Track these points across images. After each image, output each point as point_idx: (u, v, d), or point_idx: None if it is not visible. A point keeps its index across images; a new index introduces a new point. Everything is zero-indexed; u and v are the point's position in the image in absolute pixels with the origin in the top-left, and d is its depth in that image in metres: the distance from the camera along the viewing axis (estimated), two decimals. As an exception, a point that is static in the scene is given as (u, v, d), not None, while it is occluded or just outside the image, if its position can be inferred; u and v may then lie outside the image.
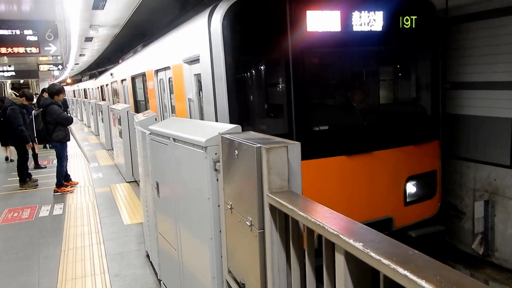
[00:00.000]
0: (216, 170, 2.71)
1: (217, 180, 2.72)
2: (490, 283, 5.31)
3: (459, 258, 5.92)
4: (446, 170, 5.97)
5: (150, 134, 3.98)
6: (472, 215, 5.83)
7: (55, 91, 8.38)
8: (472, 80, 5.80)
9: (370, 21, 4.80)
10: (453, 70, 6.01)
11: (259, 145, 2.03)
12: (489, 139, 5.58)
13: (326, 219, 1.51)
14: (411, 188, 5.17)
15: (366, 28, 4.78)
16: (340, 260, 1.40)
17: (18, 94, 9.34)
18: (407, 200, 5.16)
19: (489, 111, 5.58)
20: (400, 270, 1.06)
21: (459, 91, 5.98)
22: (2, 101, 15.56)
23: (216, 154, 2.69)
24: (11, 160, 11.96)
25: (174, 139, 3.28)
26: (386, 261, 1.12)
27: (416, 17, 5.04)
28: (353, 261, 1.36)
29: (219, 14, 4.30)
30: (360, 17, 4.75)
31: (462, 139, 5.97)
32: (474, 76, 5.77)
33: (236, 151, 2.30)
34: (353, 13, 4.70)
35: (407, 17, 5.02)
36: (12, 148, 12.03)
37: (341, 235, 1.35)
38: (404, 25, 5.03)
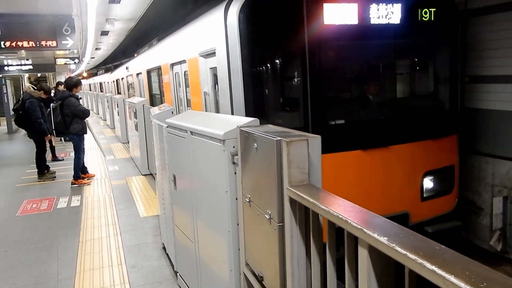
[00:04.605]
0: (234, 163, 2.71)
1: (235, 173, 2.72)
2: (508, 280, 5.23)
3: (476, 254, 5.84)
4: (464, 165, 5.88)
5: (167, 127, 4.01)
6: (490, 211, 5.74)
7: (73, 83, 8.48)
8: (491, 73, 5.69)
9: (388, 13, 4.72)
10: (472, 64, 5.90)
11: (279, 138, 2.02)
12: (509, 134, 5.48)
13: (349, 213, 1.50)
14: (428, 183, 5.11)
15: (383, 21, 4.71)
16: (363, 255, 1.39)
17: (36, 88, 9.47)
18: (424, 195, 5.10)
19: (509, 105, 5.48)
20: (428, 265, 1.05)
21: (478, 85, 5.87)
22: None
23: (234, 147, 2.70)
24: None
25: (191, 132, 3.29)
26: (412, 256, 1.11)
27: (435, 9, 4.95)
28: (376, 255, 1.35)
29: (235, 7, 4.28)
30: (378, 9, 4.68)
31: (481, 134, 5.87)
32: (493, 70, 5.66)
33: (255, 144, 2.30)
34: (370, 6, 4.63)
35: (426, 10, 4.93)
36: None
37: (364, 229, 1.34)
38: (423, 18, 4.94)
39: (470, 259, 1.07)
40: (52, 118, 8.59)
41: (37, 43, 9.81)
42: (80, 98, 9.54)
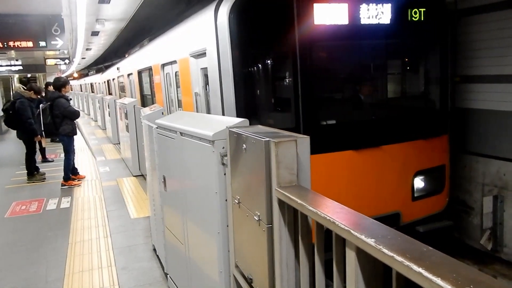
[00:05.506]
0: (223, 164, 2.69)
1: (225, 174, 2.70)
2: (499, 279, 5.27)
3: (467, 253, 5.87)
4: (455, 164, 5.91)
5: (157, 128, 3.97)
6: (480, 210, 5.78)
7: (61, 83, 8.38)
8: (482, 73, 5.72)
9: (378, 13, 4.73)
10: (462, 64, 5.93)
11: (268, 139, 2.00)
12: (499, 133, 5.51)
13: (337, 214, 1.48)
14: (419, 183, 5.12)
15: (374, 21, 4.72)
16: (351, 256, 1.38)
17: (26, 88, 9.37)
18: (415, 195, 5.11)
19: (499, 105, 5.51)
20: (415, 267, 1.04)
21: (468, 85, 5.90)
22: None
23: (223, 148, 2.67)
24: None
25: (181, 133, 3.26)
26: (399, 258, 1.09)
27: (425, 9, 4.97)
28: (364, 257, 1.33)
29: (225, 8, 4.26)
30: (368, 9, 4.68)
31: (471, 134, 5.91)
32: (484, 70, 5.69)
33: (244, 145, 2.28)
34: (360, 6, 4.63)
35: (416, 10, 4.95)
36: None
37: (352, 231, 1.33)
38: (413, 18, 4.95)
39: (458, 261, 1.06)
40: (42, 119, 8.50)
41: (26, 43, 9.70)
42: (70, 99, 9.45)
